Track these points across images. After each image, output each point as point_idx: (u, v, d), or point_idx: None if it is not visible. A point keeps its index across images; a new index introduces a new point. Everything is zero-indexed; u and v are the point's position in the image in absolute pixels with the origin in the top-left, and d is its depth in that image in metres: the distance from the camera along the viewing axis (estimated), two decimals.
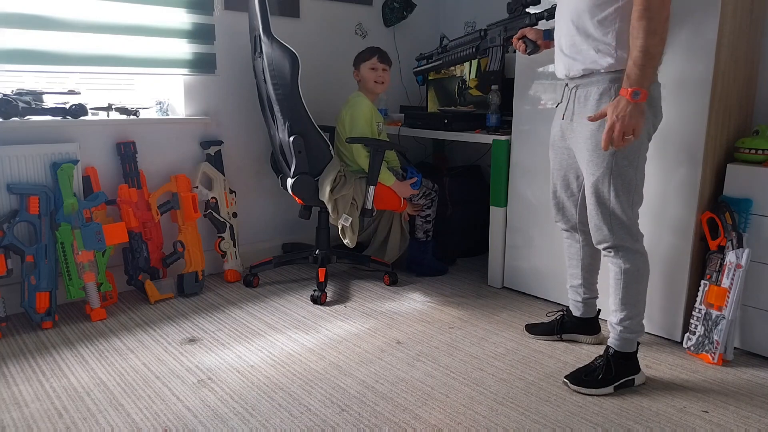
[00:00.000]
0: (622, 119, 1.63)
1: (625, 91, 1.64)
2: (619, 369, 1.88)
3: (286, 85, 2.47)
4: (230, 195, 2.90)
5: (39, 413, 1.72)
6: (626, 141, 1.67)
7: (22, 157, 2.32)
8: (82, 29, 2.44)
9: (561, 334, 2.26)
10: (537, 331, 2.30)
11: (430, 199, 2.90)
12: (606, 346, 1.94)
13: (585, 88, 1.84)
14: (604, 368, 1.88)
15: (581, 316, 2.23)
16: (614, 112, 1.65)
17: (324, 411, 1.75)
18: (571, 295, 2.23)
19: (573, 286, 2.21)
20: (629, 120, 1.63)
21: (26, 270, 2.29)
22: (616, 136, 1.66)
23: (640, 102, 1.63)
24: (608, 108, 1.68)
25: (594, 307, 2.23)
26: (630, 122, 1.63)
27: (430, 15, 3.73)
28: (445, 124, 2.95)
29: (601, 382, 1.87)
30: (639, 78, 1.62)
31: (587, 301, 2.21)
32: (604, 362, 1.89)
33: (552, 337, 2.27)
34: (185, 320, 2.41)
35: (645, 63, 1.61)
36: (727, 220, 2.07)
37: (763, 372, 2.03)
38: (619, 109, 1.64)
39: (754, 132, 2.17)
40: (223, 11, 2.84)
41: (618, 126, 1.64)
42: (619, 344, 1.91)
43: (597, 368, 1.89)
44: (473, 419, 1.72)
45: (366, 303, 2.63)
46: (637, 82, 1.62)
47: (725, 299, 2.05)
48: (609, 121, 1.66)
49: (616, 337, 1.92)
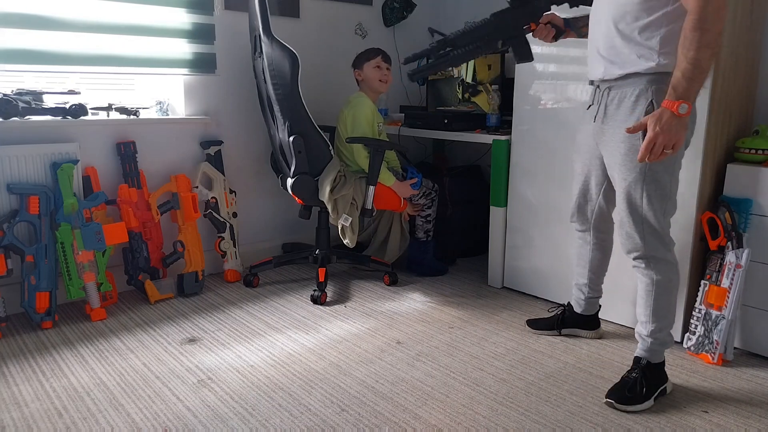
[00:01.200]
0: (666, 133, 1.54)
1: (671, 103, 1.53)
2: (654, 379, 1.82)
3: (286, 85, 2.47)
4: (230, 195, 2.90)
5: (39, 413, 1.72)
6: (665, 155, 1.57)
7: (22, 157, 2.32)
8: (82, 29, 2.44)
9: (561, 329, 2.28)
10: (538, 326, 2.32)
11: (431, 199, 2.90)
12: (635, 357, 1.87)
13: (619, 89, 1.76)
14: (643, 381, 1.79)
15: (582, 312, 2.25)
16: (657, 124, 1.54)
17: (324, 411, 1.75)
18: (575, 292, 2.24)
19: (578, 284, 2.22)
20: (672, 135, 1.54)
21: (26, 270, 2.29)
22: (656, 150, 1.56)
23: (685, 117, 1.54)
24: (649, 119, 1.57)
25: (596, 305, 2.25)
26: (673, 137, 1.54)
27: (430, 15, 3.73)
28: (445, 124, 2.95)
29: (645, 396, 1.78)
30: (686, 91, 1.52)
31: (590, 300, 2.22)
32: (639, 375, 1.80)
33: (553, 332, 2.28)
34: (185, 320, 2.41)
35: (694, 76, 1.51)
36: (727, 220, 2.07)
37: (763, 372, 2.03)
38: (663, 123, 1.53)
39: (754, 132, 2.17)
40: (223, 11, 2.84)
41: (660, 140, 1.54)
42: (649, 355, 1.84)
43: (635, 382, 1.80)
44: (473, 419, 1.72)
45: (366, 303, 2.63)
46: (684, 95, 1.52)
47: (725, 299, 2.05)
48: (650, 134, 1.55)
49: (645, 348, 1.85)
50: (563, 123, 2.46)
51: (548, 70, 2.49)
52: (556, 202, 2.54)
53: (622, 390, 1.81)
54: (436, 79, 3.39)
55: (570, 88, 2.42)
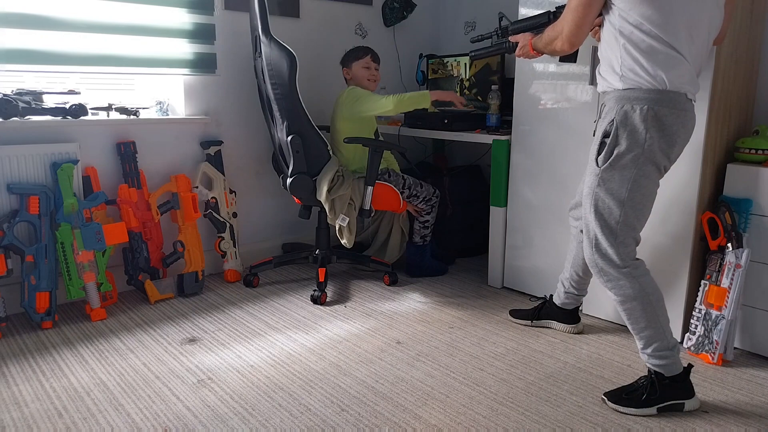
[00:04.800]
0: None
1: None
2: (665, 391, 1.76)
3: (285, 84, 2.47)
4: (230, 195, 2.90)
5: (39, 413, 1.72)
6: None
7: (22, 157, 2.32)
8: (82, 29, 2.44)
9: (534, 320, 2.36)
10: (517, 315, 2.42)
11: (431, 205, 2.88)
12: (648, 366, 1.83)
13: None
14: (648, 388, 1.77)
15: (561, 306, 2.30)
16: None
17: (324, 411, 1.75)
18: (558, 284, 2.30)
19: (561, 277, 2.29)
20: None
21: (26, 270, 2.29)
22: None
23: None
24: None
25: (576, 301, 2.30)
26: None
27: (430, 15, 3.73)
28: (445, 124, 2.95)
29: (644, 403, 1.76)
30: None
31: (569, 294, 2.27)
32: (647, 382, 1.78)
33: (526, 321, 2.38)
34: (185, 320, 2.41)
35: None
36: (727, 220, 2.07)
37: (763, 372, 2.03)
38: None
39: (754, 132, 2.17)
40: (223, 11, 2.84)
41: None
42: (657, 368, 1.78)
43: (640, 388, 1.78)
44: (473, 419, 1.72)
45: (366, 303, 2.63)
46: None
47: (725, 299, 2.05)
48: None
49: (648, 363, 1.81)
50: (563, 123, 2.46)
51: (548, 70, 2.49)
52: (556, 202, 2.54)
53: (622, 392, 1.81)
54: (436, 78, 3.39)
55: (570, 88, 2.42)
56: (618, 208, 1.73)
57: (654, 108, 1.65)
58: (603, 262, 1.77)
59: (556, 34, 1.79)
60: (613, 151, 1.70)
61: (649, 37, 1.63)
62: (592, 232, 1.78)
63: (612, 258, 1.75)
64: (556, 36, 1.79)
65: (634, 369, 2.03)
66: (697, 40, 1.67)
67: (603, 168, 1.72)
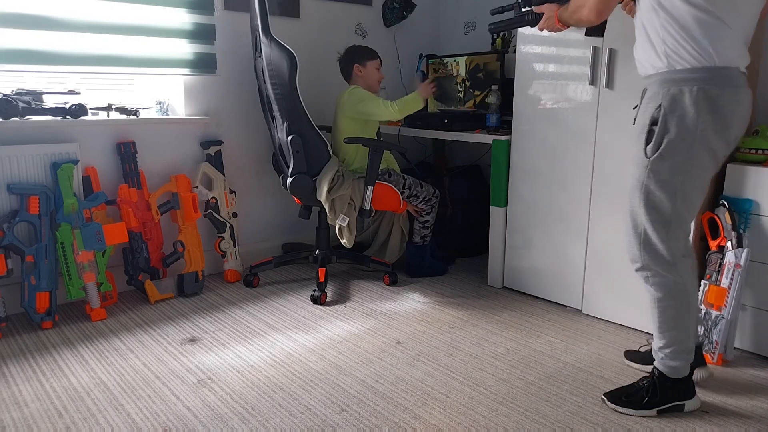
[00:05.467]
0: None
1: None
2: (666, 393, 1.73)
3: (285, 85, 2.47)
4: (230, 195, 2.90)
5: (39, 413, 1.72)
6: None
7: (22, 157, 2.32)
8: (82, 29, 2.44)
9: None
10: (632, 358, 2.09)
11: (430, 206, 2.89)
12: (652, 367, 1.79)
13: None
14: (649, 391, 1.73)
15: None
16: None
17: (324, 411, 1.75)
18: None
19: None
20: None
21: (26, 270, 2.29)
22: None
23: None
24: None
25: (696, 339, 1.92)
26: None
27: (430, 15, 3.73)
28: (445, 124, 2.95)
29: (645, 405, 1.73)
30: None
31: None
32: (649, 384, 1.74)
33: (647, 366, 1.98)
34: (185, 320, 2.41)
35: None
36: (727, 220, 2.07)
37: (763, 372, 2.03)
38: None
39: (754, 132, 2.17)
40: (223, 11, 2.84)
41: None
42: (663, 368, 1.75)
43: (641, 390, 1.75)
44: (473, 419, 1.72)
45: (366, 303, 2.63)
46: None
47: (725, 299, 2.05)
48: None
49: (658, 361, 1.76)
50: (563, 123, 2.46)
51: (548, 70, 2.49)
52: (556, 202, 2.54)
53: (621, 393, 1.79)
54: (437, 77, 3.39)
55: (570, 88, 2.42)
56: (669, 201, 1.63)
57: (705, 88, 1.53)
58: (650, 258, 1.68)
59: (583, 1, 1.69)
60: (663, 139, 1.59)
61: (692, 6, 1.51)
62: (641, 227, 1.68)
63: (662, 254, 1.66)
64: (583, 4, 1.69)
65: (634, 369, 2.03)
66: (743, 8, 1.55)
67: (653, 158, 1.61)
